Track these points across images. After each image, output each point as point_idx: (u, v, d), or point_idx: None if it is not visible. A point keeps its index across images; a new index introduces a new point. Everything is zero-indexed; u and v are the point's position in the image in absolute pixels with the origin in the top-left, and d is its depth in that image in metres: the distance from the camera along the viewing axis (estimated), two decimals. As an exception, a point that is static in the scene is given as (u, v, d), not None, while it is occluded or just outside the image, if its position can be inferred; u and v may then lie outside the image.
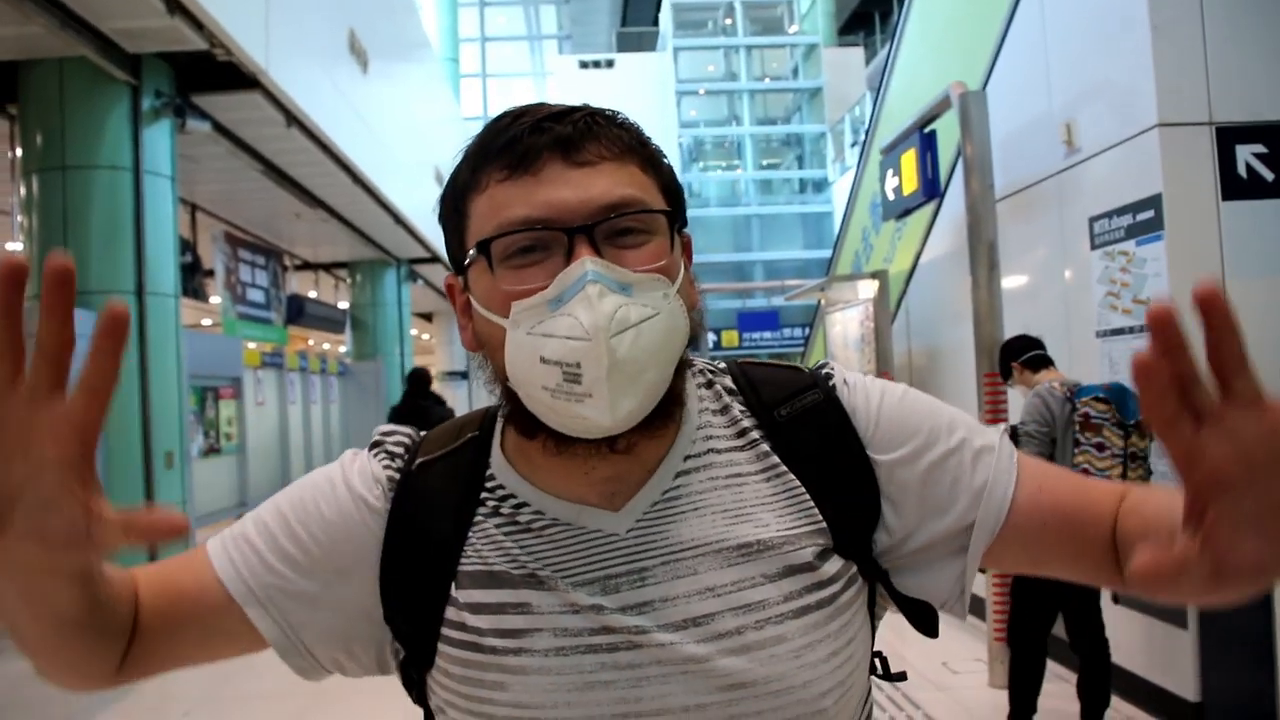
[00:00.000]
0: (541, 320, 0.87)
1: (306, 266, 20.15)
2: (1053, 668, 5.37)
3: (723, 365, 1.10)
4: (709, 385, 1.06)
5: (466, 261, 0.95)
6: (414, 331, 25.20)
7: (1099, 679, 4.54)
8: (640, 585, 0.93)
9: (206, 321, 21.99)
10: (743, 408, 1.04)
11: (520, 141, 0.90)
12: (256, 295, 14.58)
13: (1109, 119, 5.23)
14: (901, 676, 1.07)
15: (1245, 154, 4.72)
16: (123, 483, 8.59)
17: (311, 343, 27.50)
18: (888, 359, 8.33)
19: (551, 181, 0.89)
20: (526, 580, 0.94)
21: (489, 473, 1.02)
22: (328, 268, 20.80)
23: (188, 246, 12.16)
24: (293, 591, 0.98)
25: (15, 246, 9.19)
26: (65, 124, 8.27)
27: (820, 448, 1.01)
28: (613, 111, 0.97)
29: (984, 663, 5.64)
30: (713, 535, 0.95)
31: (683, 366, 0.95)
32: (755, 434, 1.02)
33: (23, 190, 8.49)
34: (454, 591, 0.96)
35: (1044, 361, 4.85)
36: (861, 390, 1.05)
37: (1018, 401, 4.99)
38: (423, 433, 1.09)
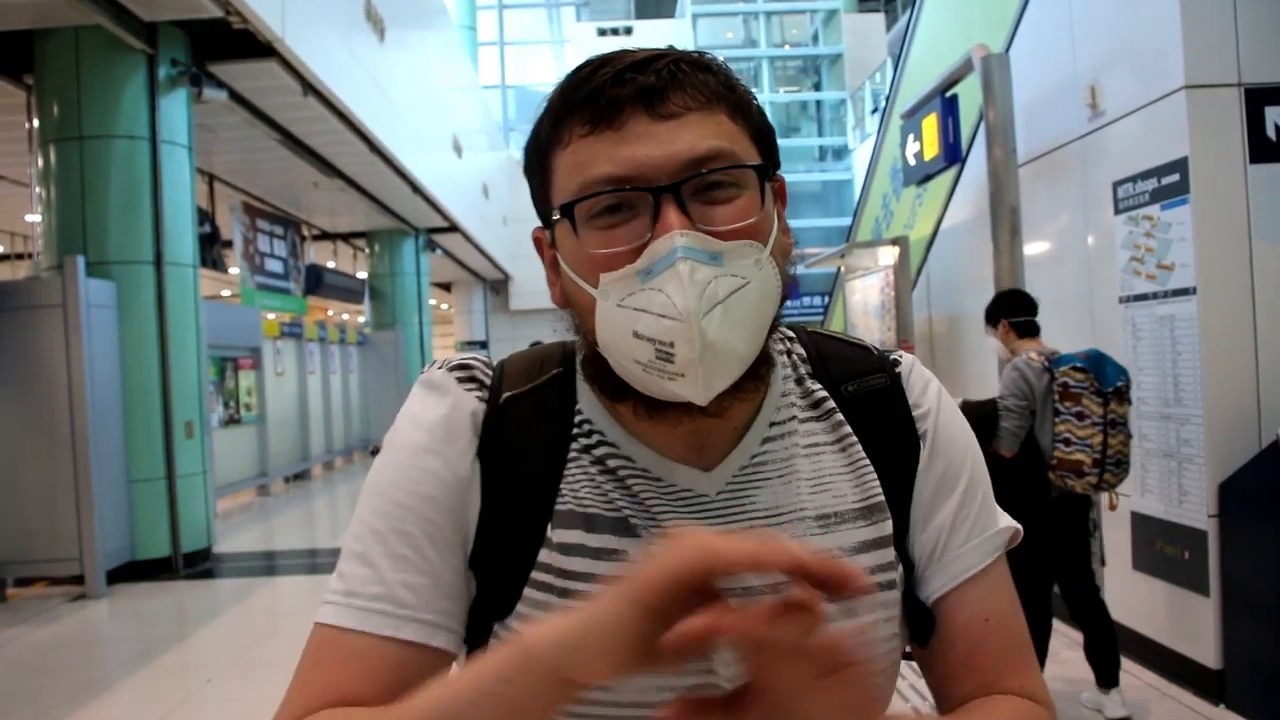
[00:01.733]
0: (632, 292, 0.84)
1: (325, 236, 20.20)
2: (1073, 634, 5.35)
3: (792, 333, 1.08)
4: (787, 354, 1.05)
5: (553, 219, 0.93)
6: (433, 301, 25.25)
7: (1104, 641, 4.55)
8: None
9: (225, 292, 22.10)
10: (814, 379, 1.04)
11: (602, 94, 0.87)
12: (275, 265, 14.61)
13: (1134, 81, 5.15)
14: (908, 656, 1.07)
15: (1275, 116, 4.63)
16: (143, 453, 8.65)
17: (330, 313, 27.63)
18: (908, 326, 8.27)
19: (636, 137, 0.86)
20: (620, 526, 0.94)
21: (578, 409, 0.99)
22: (346, 237, 20.84)
23: (205, 217, 12.18)
24: (447, 580, 0.93)
25: (33, 217, 9.20)
26: (81, 94, 8.28)
27: (881, 428, 1.02)
28: (699, 53, 0.93)
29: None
30: (796, 503, 0.96)
31: (773, 326, 0.93)
32: (829, 404, 1.02)
33: (40, 161, 8.52)
34: (549, 532, 0.93)
35: (1032, 330, 4.84)
36: (931, 391, 1.05)
37: (983, 354, 4.95)
38: (492, 359, 1.05)
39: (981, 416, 4.53)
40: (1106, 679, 4.55)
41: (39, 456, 7.99)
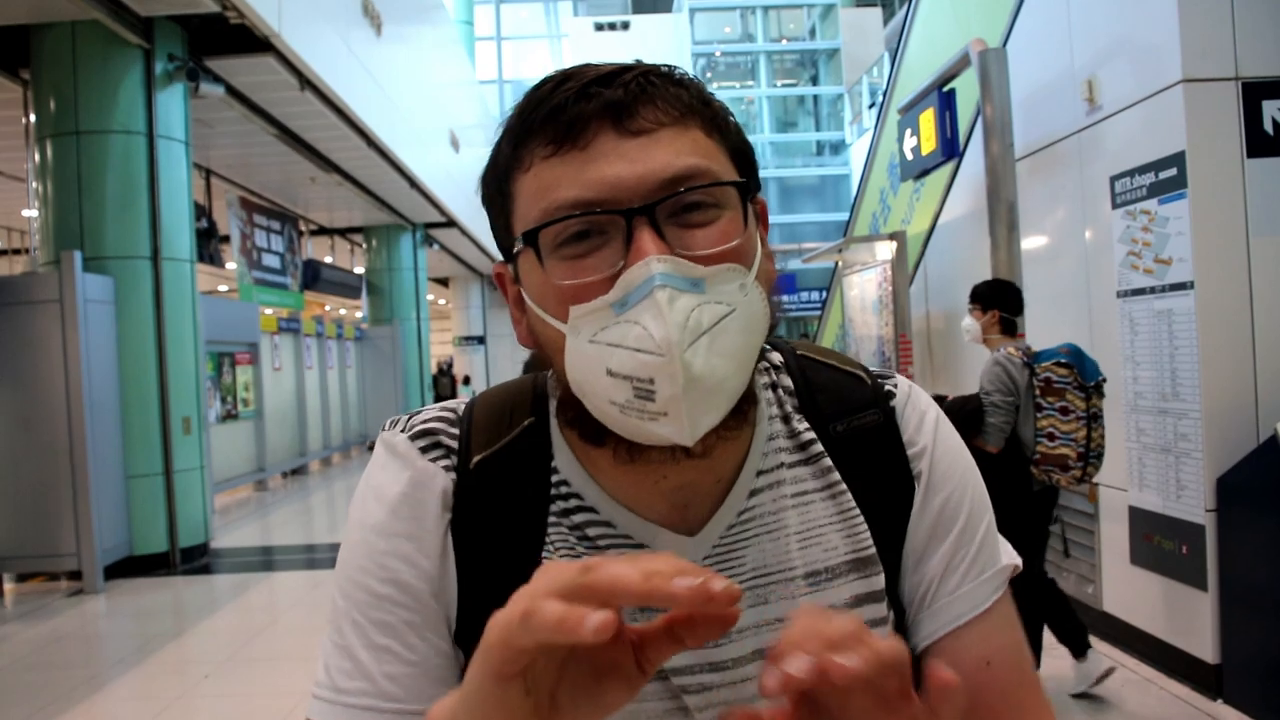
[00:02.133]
0: (605, 326, 0.77)
1: (322, 231, 20.18)
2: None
3: (779, 359, 1.01)
4: (773, 388, 0.98)
5: (515, 250, 0.84)
6: (430, 296, 25.24)
7: (1064, 615, 4.65)
8: None
9: (223, 287, 22.07)
10: (800, 416, 0.97)
11: (565, 111, 0.79)
12: (272, 260, 14.61)
13: (1132, 75, 5.14)
14: None
15: (1272, 109, 4.63)
16: (140, 448, 8.65)
17: (328, 308, 27.60)
18: (905, 321, 8.27)
19: (603, 156, 0.78)
20: None
21: (554, 466, 0.92)
22: (343, 233, 20.82)
23: (203, 212, 12.17)
24: (431, 663, 0.88)
25: (30, 212, 9.18)
26: (78, 88, 8.27)
27: (873, 474, 0.95)
28: (669, 67, 0.85)
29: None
30: (785, 561, 0.90)
31: (760, 358, 0.86)
32: (817, 447, 0.95)
33: (36, 156, 8.50)
34: None
35: (1013, 328, 4.94)
36: (927, 425, 0.99)
37: (980, 349, 4.95)
38: (459, 407, 0.97)
39: (967, 413, 4.56)
40: (1078, 648, 4.65)
41: (36, 452, 7.98)
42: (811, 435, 0.96)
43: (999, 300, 4.95)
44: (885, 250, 8.58)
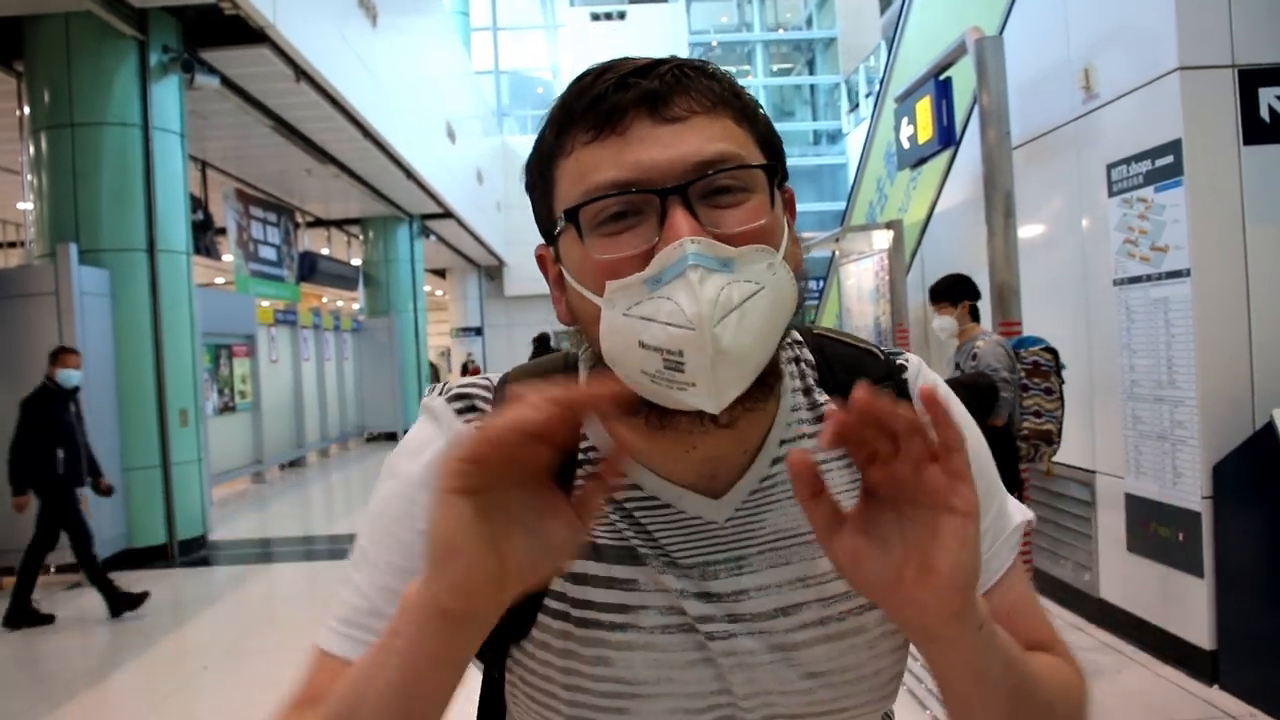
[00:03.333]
0: (639, 301, 0.81)
1: (318, 223, 20.14)
2: (1068, 617, 5.38)
3: (798, 336, 1.06)
4: (795, 362, 1.02)
5: (556, 230, 0.90)
6: (427, 288, 25.21)
7: None
8: (738, 573, 0.93)
9: (219, 279, 22.04)
10: (820, 389, 1.02)
11: (605, 100, 0.85)
12: (269, 252, 14.59)
13: (1128, 63, 5.14)
14: None
15: (1268, 97, 4.63)
16: (138, 441, 8.65)
17: (324, 300, 27.56)
18: (902, 310, 8.26)
19: (640, 140, 0.84)
20: (628, 555, 0.93)
21: (583, 434, 0.96)
22: (340, 224, 20.79)
23: (199, 204, 12.15)
24: None
25: (25, 205, 9.17)
26: (73, 80, 8.24)
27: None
28: (702, 61, 0.91)
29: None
30: (804, 525, 0.92)
31: (785, 334, 0.90)
32: None
33: (31, 148, 8.48)
34: None
35: (977, 315, 5.38)
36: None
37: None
38: (494, 377, 1.03)
39: (980, 390, 4.66)
40: None
41: (33, 445, 7.97)
42: (832, 405, 0.99)
43: (965, 291, 5.32)
44: (882, 239, 8.56)
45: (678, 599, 0.91)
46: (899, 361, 1.05)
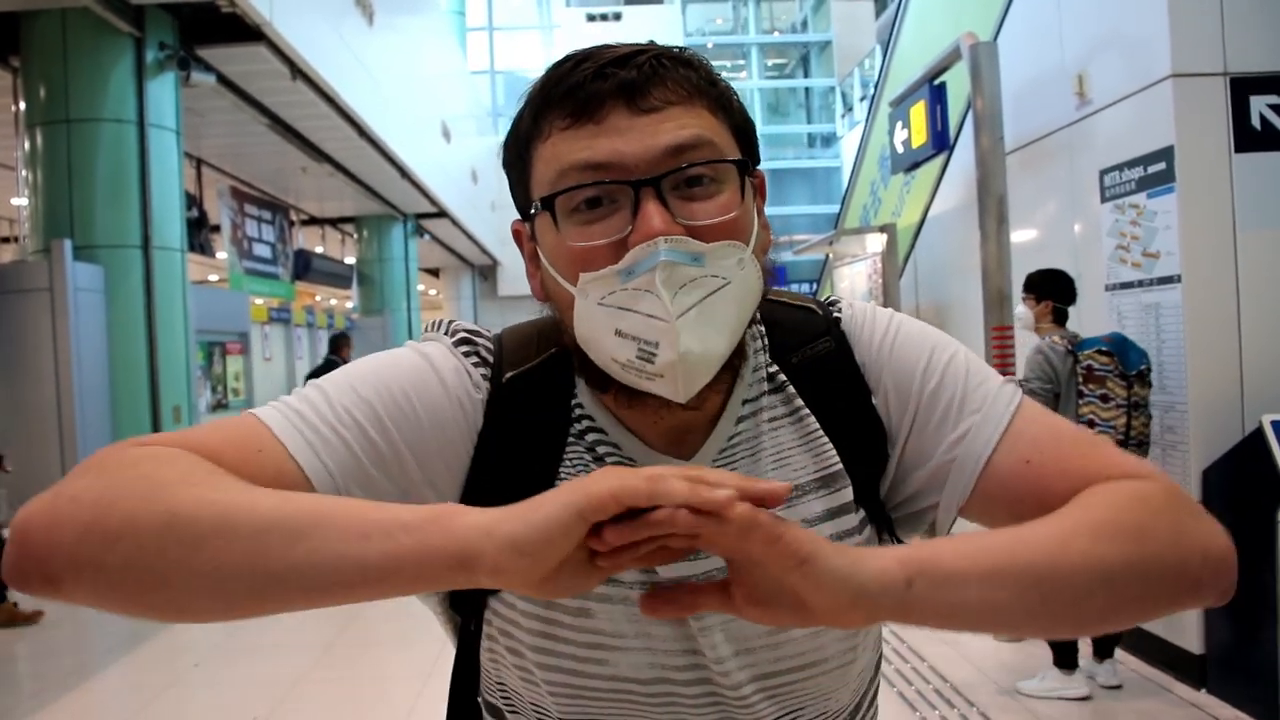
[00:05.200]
0: (613, 291, 0.85)
1: (313, 221, 20.10)
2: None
3: None
4: (753, 322, 1.02)
5: (531, 212, 0.93)
6: (421, 287, 25.18)
7: None
8: None
9: (213, 277, 22.00)
10: (768, 353, 1.04)
11: (583, 88, 0.87)
12: (263, 250, 14.55)
13: (1121, 70, 5.17)
14: None
15: (1260, 105, 4.66)
16: (130, 436, 8.60)
17: (318, 298, 27.50)
18: (895, 314, 8.30)
19: (616, 130, 0.87)
20: None
21: (575, 392, 1.00)
22: (334, 223, 20.75)
23: (193, 201, 12.12)
24: (380, 494, 0.89)
25: (20, 201, 9.15)
26: (68, 77, 8.22)
27: (831, 395, 1.02)
28: (680, 49, 0.93)
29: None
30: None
31: (751, 320, 0.94)
32: (781, 377, 1.03)
33: (26, 144, 8.45)
34: None
35: (1063, 318, 4.94)
36: (869, 336, 1.03)
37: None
38: (487, 329, 1.05)
39: None
40: (1064, 660, 4.64)
41: (25, 441, 7.96)
42: (775, 368, 1.03)
43: (1052, 290, 4.95)
44: (876, 242, 8.60)
45: None
46: (834, 314, 1.06)
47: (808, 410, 1.01)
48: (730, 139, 0.93)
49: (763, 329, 1.05)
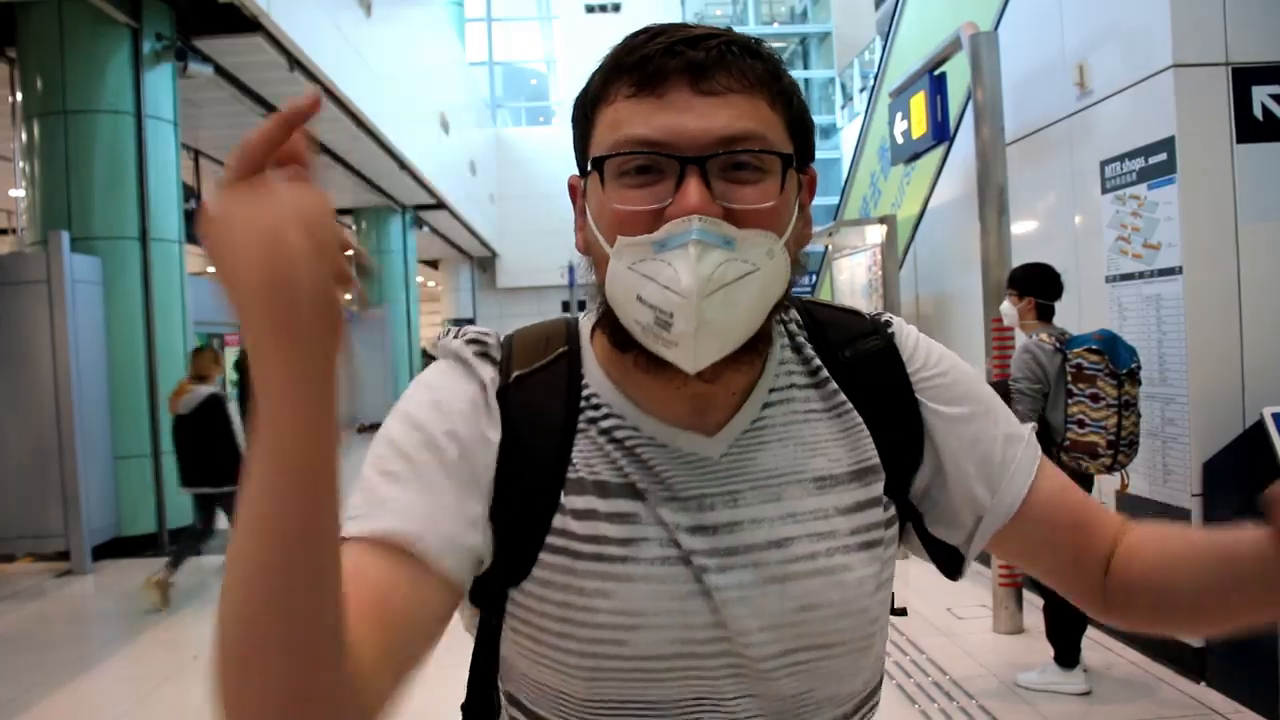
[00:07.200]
0: (643, 259, 0.89)
1: (311, 213, 20.08)
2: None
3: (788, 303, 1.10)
4: (783, 323, 1.09)
5: (587, 169, 0.97)
6: (420, 279, 25.17)
7: (1069, 619, 4.61)
8: (733, 506, 0.98)
9: (211, 268, 21.96)
10: (811, 346, 1.08)
11: (651, 61, 0.91)
12: (261, 242, 14.53)
13: (1122, 60, 5.15)
14: (902, 612, 1.12)
15: (1262, 95, 4.64)
16: (128, 429, 8.63)
17: (317, 290, 27.49)
18: (895, 305, 8.27)
19: (675, 106, 0.90)
20: (630, 491, 0.98)
21: (585, 383, 1.03)
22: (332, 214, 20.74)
23: (191, 192, 12.10)
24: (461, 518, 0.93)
25: (17, 192, 9.14)
26: (65, 68, 8.21)
27: (878, 390, 1.07)
28: (752, 39, 0.96)
29: (989, 608, 5.65)
30: (795, 465, 1.01)
31: (777, 309, 0.97)
32: (824, 373, 1.07)
33: (23, 135, 8.45)
34: (562, 498, 0.97)
35: (1049, 314, 4.83)
36: (920, 344, 1.11)
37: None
38: (499, 332, 1.09)
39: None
40: (1066, 657, 4.62)
41: (24, 433, 7.97)
42: (819, 363, 1.07)
43: (1034, 286, 4.83)
44: (875, 234, 8.57)
45: (675, 532, 0.96)
46: (883, 319, 1.13)
47: (850, 405, 1.05)
48: (784, 134, 0.96)
49: (799, 319, 1.10)
